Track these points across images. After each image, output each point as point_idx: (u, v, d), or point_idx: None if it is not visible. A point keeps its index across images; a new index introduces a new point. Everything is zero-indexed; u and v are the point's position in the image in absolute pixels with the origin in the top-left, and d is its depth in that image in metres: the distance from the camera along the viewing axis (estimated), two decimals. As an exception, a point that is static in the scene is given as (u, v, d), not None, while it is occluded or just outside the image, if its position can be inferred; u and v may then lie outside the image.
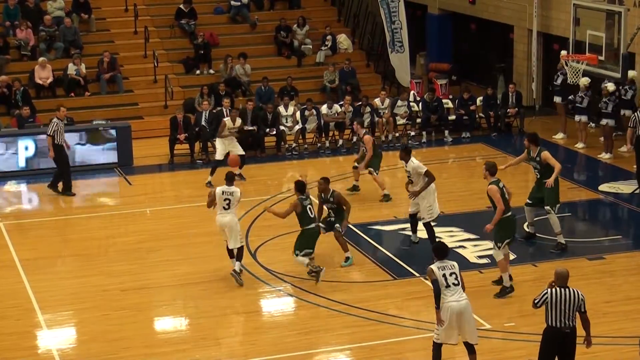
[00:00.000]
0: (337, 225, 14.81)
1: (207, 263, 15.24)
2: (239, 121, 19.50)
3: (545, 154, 15.16)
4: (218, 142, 19.19)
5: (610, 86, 19.65)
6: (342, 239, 15.00)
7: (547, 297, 10.29)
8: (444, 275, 11.03)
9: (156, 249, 15.95)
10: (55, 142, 18.42)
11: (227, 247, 14.47)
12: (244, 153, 19.27)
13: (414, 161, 15.31)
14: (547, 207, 15.23)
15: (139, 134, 21.85)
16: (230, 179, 14.55)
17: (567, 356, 10.45)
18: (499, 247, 13.64)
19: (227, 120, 19.36)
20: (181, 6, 25.96)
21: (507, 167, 15.85)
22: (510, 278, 13.78)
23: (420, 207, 15.24)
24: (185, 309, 13.85)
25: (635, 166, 18.66)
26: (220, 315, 13.49)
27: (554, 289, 10.35)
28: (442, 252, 11.29)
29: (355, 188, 18.39)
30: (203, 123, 21.15)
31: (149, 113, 23.69)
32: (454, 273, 11.07)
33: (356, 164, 18.24)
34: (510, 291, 13.72)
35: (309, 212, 14.28)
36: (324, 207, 15.00)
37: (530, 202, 15.56)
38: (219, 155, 19.12)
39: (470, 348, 11.23)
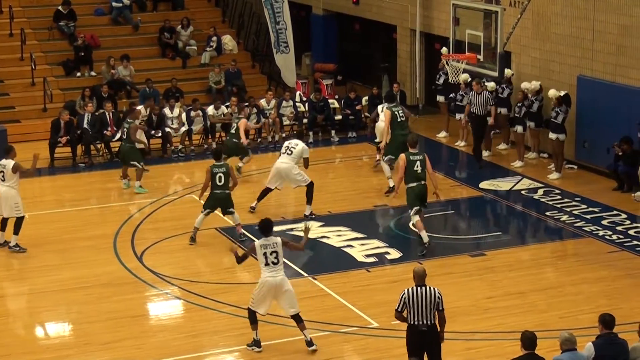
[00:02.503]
0: None
1: (90, 267, 14.93)
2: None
3: (385, 112, 18.04)
4: None
5: (491, 85, 20.12)
6: None
7: (405, 298, 10.34)
8: (264, 253, 11.71)
9: (36, 254, 15.50)
10: None
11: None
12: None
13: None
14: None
15: (16, 137, 21.13)
16: (6, 151, 15.45)
17: (431, 353, 10.47)
18: (411, 213, 15.29)
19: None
20: (60, 8, 25.35)
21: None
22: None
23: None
24: (69, 314, 13.51)
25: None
26: (106, 320, 13.18)
27: (410, 288, 10.40)
28: (266, 229, 11.83)
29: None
30: (85, 126, 20.72)
31: (26, 116, 23.05)
32: (275, 252, 11.72)
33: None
34: (426, 247, 15.10)
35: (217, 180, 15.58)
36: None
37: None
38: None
39: (296, 318, 11.91)
